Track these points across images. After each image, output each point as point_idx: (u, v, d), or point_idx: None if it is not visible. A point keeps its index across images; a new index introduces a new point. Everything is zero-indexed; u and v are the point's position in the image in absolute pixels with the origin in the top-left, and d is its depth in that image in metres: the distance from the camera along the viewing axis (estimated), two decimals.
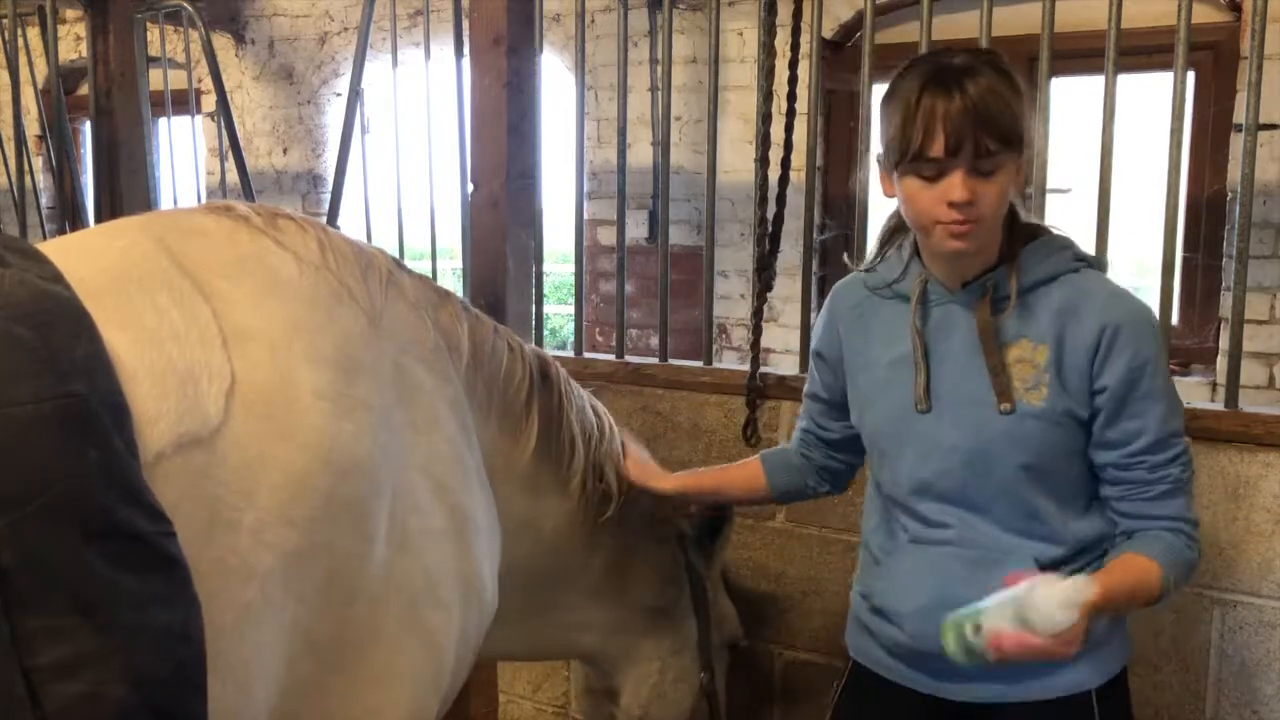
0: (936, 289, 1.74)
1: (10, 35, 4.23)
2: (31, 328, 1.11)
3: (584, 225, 3.18)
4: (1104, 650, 1.75)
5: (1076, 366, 1.66)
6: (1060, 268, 1.70)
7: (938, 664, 1.73)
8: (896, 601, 1.80)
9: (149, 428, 1.20)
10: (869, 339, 1.82)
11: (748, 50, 5.23)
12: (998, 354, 1.68)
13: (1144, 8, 3.23)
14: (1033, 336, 1.68)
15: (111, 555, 1.08)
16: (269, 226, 1.53)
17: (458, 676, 1.70)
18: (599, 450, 2.03)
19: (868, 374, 1.82)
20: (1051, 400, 1.67)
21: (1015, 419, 1.67)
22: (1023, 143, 1.61)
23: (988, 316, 1.68)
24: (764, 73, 2.66)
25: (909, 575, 1.78)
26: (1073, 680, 1.73)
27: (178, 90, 4.74)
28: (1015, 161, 1.61)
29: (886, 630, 1.82)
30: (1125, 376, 1.65)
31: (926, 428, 1.73)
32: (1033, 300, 1.69)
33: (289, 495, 1.33)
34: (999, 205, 1.62)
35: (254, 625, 1.29)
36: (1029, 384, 1.68)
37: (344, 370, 1.44)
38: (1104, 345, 1.65)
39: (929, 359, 1.72)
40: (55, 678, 1.03)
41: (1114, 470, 1.70)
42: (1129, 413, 1.66)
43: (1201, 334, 4.47)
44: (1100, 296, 1.68)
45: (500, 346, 1.86)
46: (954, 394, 1.71)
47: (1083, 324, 1.66)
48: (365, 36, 3.67)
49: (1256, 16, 2.21)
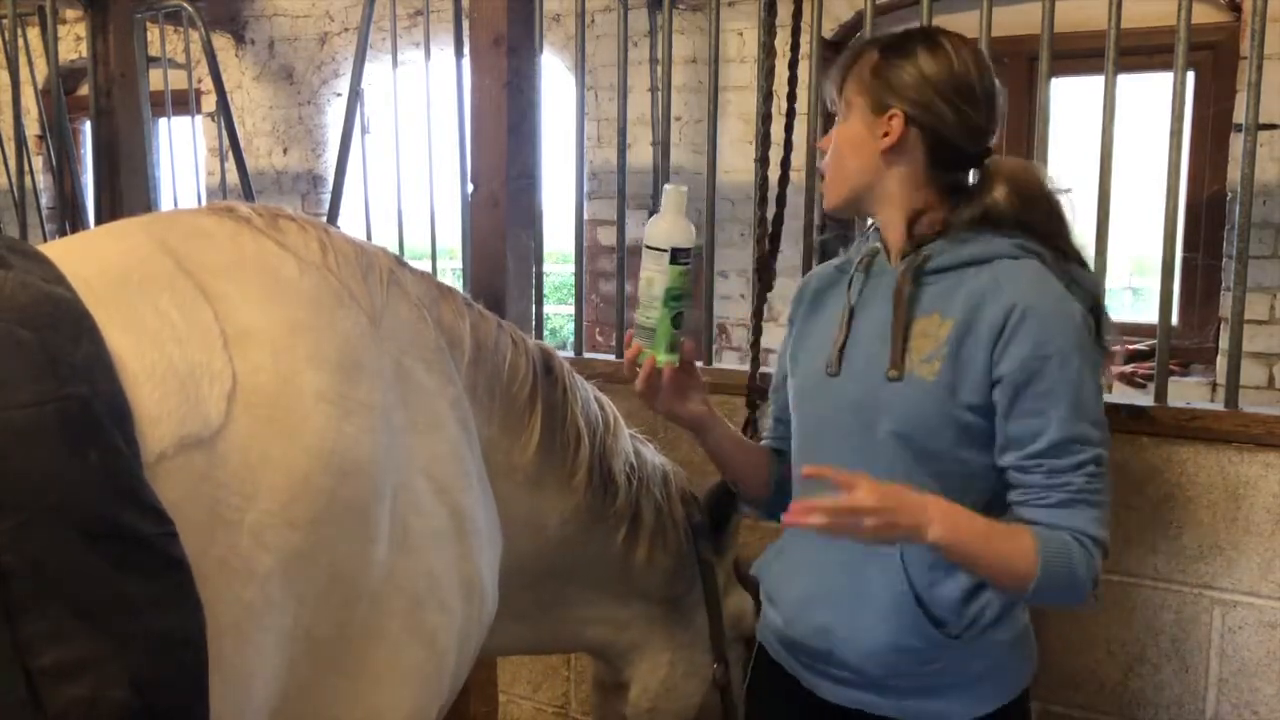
0: (881, 261, 1.76)
1: (10, 35, 4.23)
2: (33, 329, 1.11)
3: (584, 225, 3.18)
4: (983, 685, 1.69)
5: (978, 347, 1.59)
6: (998, 251, 1.64)
7: (810, 660, 1.75)
8: (778, 587, 1.82)
9: (150, 429, 1.20)
10: (820, 313, 1.83)
11: (748, 50, 5.23)
12: (903, 322, 1.65)
13: (1144, 8, 3.23)
14: (944, 312, 1.64)
15: (114, 557, 1.09)
16: (270, 228, 1.53)
17: (458, 678, 1.70)
18: (604, 443, 2.03)
19: (806, 342, 1.83)
20: (942, 377, 1.60)
21: (899, 387, 1.62)
22: (888, 93, 1.67)
23: (906, 282, 1.66)
24: (764, 73, 2.66)
25: (796, 561, 1.79)
26: (942, 708, 1.68)
27: (178, 90, 4.74)
28: (871, 118, 1.68)
29: (769, 613, 1.84)
30: (1024, 366, 1.55)
31: (830, 391, 1.73)
32: (959, 278, 1.65)
33: (290, 496, 1.33)
34: (840, 153, 1.72)
35: (255, 626, 1.29)
36: (925, 356, 1.62)
37: (345, 372, 1.44)
38: (1009, 329, 1.57)
39: (851, 325, 1.73)
40: (57, 680, 1.03)
41: (1014, 473, 1.60)
42: (1026, 409, 1.56)
43: (1201, 334, 4.47)
44: (1022, 281, 1.60)
45: (504, 342, 1.86)
46: (860, 360, 1.70)
47: (994, 305, 1.59)
48: (365, 36, 3.67)
49: (1256, 16, 2.21)
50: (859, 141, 1.70)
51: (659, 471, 2.17)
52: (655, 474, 2.16)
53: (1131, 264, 8.21)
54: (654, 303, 1.73)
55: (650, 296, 1.73)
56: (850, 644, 1.69)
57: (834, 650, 1.71)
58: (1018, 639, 1.73)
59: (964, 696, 1.69)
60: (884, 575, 1.66)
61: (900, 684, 1.69)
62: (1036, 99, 2.44)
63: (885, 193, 1.72)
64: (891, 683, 1.69)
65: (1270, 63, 3.54)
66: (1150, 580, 2.27)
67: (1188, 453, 2.22)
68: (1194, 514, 2.22)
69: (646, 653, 2.21)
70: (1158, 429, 2.23)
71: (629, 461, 2.09)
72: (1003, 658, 1.71)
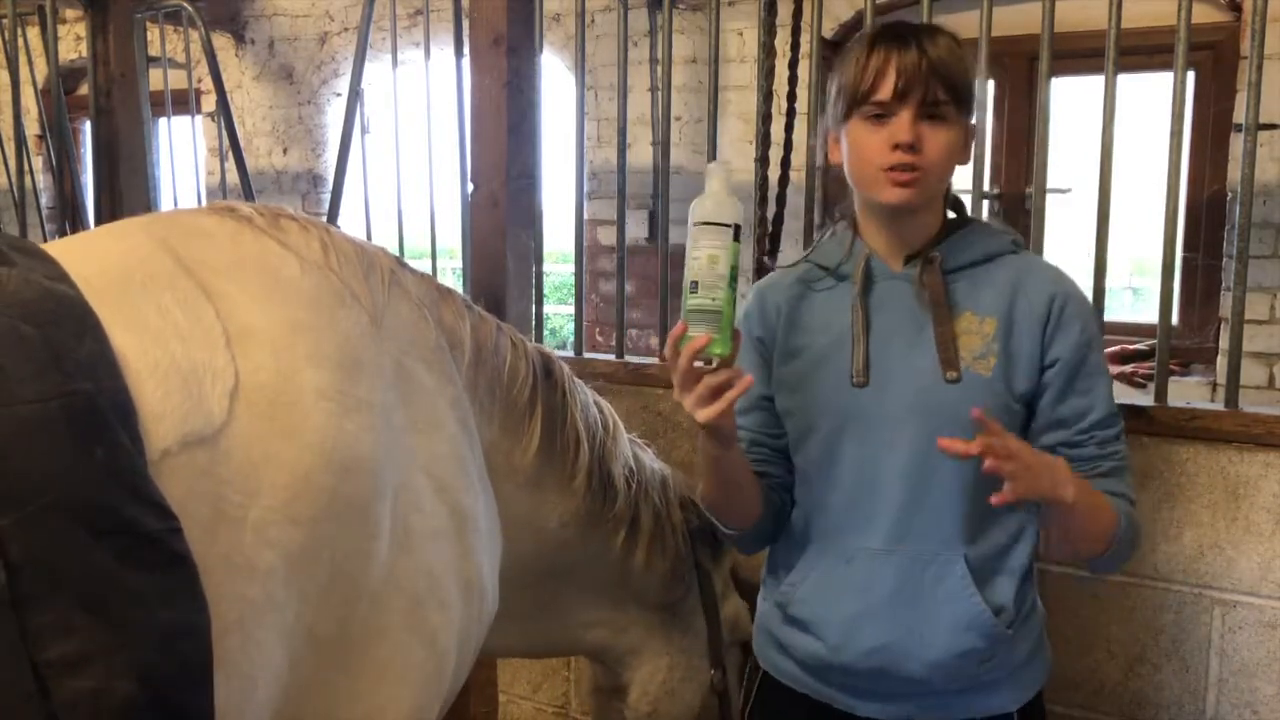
0: (879, 266, 1.71)
1: (10, 35, 4.23)
2: (37, 326, 1.12)
3: (584, 225, 3.18)
4: (1024, 671, 1.73)
5: (1028, 337, 1.64)
6: (999, 248, 1.71)
7: (855, 681, 1.70)
8: (816, 611, 1.71)
9: (154, 426, 1.21)
10: (798, 328, 1.75)
11: (748, 50, 5.23)
12: (949, 322, 1.65)
13: (1144, 8, 3.24)
14: (977, 310, 1.66)
15: (118, 552, 1.09)
16: (272, 227, 1.53)
17: (458, 677, 1.70)
18: (604, 447, 2.02)
19: (800, 358, 1.74)
20: (999, 372, 1.63)
21: (962, 388, 1.62)
22: (971, 103, 1.62)
23: (939, 283, 1.65)
24: (764, 73, 2.66)
25: (832, 582, 1.69)
26: (994, 703, 1.70)
27: (178, 90, 4.74)
28: (963, 122, 1.62)
29: (801, 642, 1.73)
30: (1076, 349, 1.64)
31: (866, 402, 1.66)
32: (972, 276, 1.68)
33: (292, 494, 1.33)
34: (946, 156, 1.60)
35: (257, 622, 1.29)
36: (977, 354, 1.64)
37: (346, 370, 1.44)
38: (1054, 315, 1.65)
39: (869, 333, 1.67)
40: (63, 673, 1.04)
41: (1064, 449, 1.64)
42: (1079, 388, 1.65)
43: (1201, 334, 4.47)
44: (1047, 271, 1.70)
45: (503, 344, 1.86)
46: (896, 368, 1.65)
47: (1032, 296, 1.66)
48: (365, 36, 3.67)
49: (1256, 16, 2.21)
50: (963, 145, 1.65)
51: (658, 476, 2.17)
52: (654, 478, 2.16)
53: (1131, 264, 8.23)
54: (719, 282, 1.52)
55: (715, 275, 1.52)
56: (913, 659, 1.65)
57: (888, 668, 1.66)
58: (1044, 623, 1.79)
59: (1010, 686, 1.71)
60: (944, 582, 1.64)
61: (954, 686, 1.68)
62: (1036, 99, 2.44)
63: (941, 195, 1.71)
64: (949, 687, 1.68)
65: (1270, 63, 3.54)
66: (1150, 580, 2.28)
67: (1188, 453, 2.22)
68: (1194, 514, 2.22)
69: (645, 656, 2.21)
70: (1158, 429, 2.24)
71: (628, 465, 2.08)
72: (1038, 642, 1.76)
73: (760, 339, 1.79)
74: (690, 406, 1.55)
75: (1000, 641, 1.66)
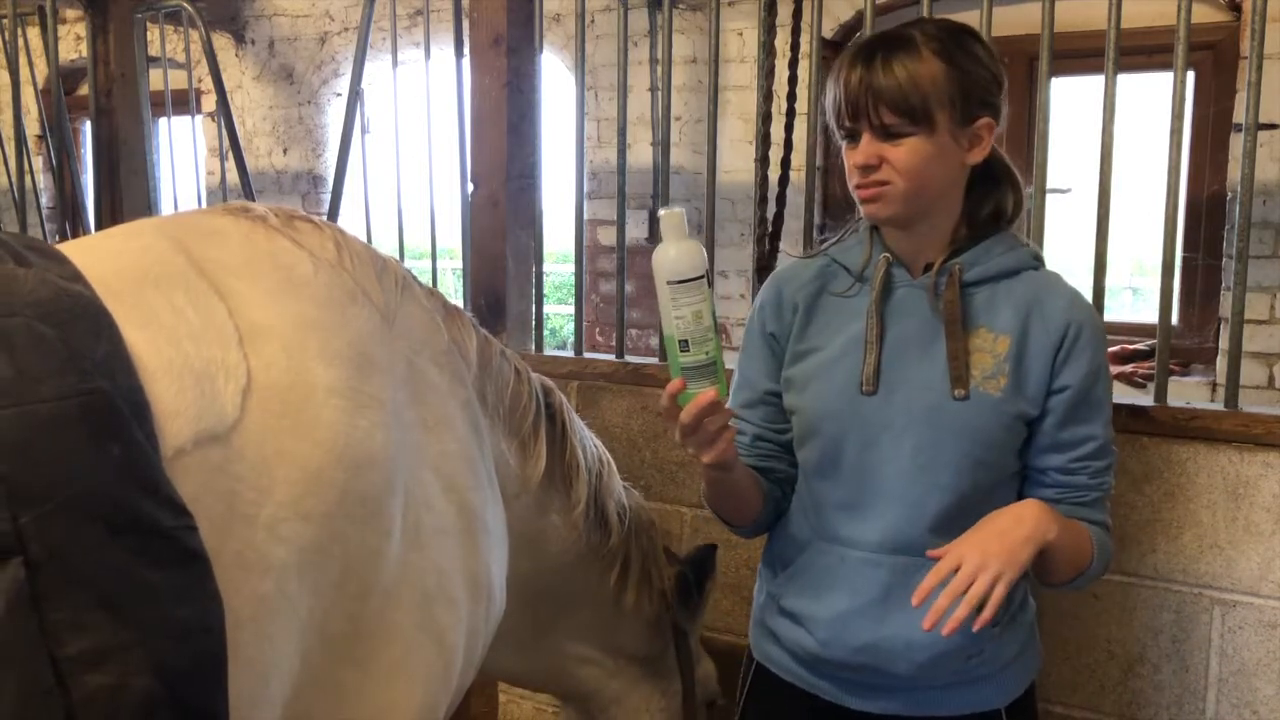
0: (899, 273, 1.70)
1: (10, 35, 4.23)
2: (54, 326, 1.12)
3: (584, 225, 3.18)
4: (1013, 668, 1.74)
5: (1038, 361, 1.65)
6: (1025, 263, 1.70)
7: (844, 675, 1.72)
8: (807, 605, 1.74)
9: (168, 424, 1.21)
10: (812, 329, 1.75)
11: (748, 50, 5.24)
12: (963, 338, 1.65)
13: (1144, 8, 3.24)
14: (993, 327, 1.66)
15: (135, 549, 1.10)
16: (286, 227, 1.54)
17: (466, 675, 1.70)
18: (601, 481, 2.04)
19: (811, 359, 1.74)
20: (1008, 393, 1.64)
21: (969, 406, 1.63)
22: (930, 118, 1.58)
23: (956, 298, 1.65)
24: (764, 73, 2.66)
25: (824, 578, 1.72)
26: (982, 699, 1.72)
27: (178, 90, 4.74)
28: (941, 131, 1.59)
29: (793, 634, 1.76)
30: (1084, 380, 1.65)
31: (872, 410, 1.67)
32: (993, 291, 1.67)
33: (304, 490, 1.34)
34: (913, 169, 1.59)
35: (270, 618, 1.30)
36: (987, 373, 1.64)
37: (357, 368, 1.45)
38: (1068, 343, 1.65)
39: (883, 341, 1.67)
40: (82, 668, 1.05)
41: (1056, 474, 1.68)
42: (1082, 416, 1.66)
43: (1201, 334, 4.48)
44: (1066, 295, 1.69)
45: (506, 369, 1.86)
46: (905, 378, 1.66)
47: (1048, 320, 1.66)
48: (365, 36, 3.67)
49: (1256, 16, 2.22)
50: (947, 153, 1.62)
51: (645, 518, 2.20)
52: (644, 521, 2.18)
53: (1131, 264, 8.22)
54: (707, 334, 1.56)
55: (702, 330, 1.56)
56: (900, 659, 1.67)
57: (878, 665, 1.69)
58: (1034, 620, 1.80)
59: (999, 682, 1.73)
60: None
61: (942, 680, 1.69)
62: (1036, 99, 2.45)
63: (949, 202, 1.68)
64: (936, 682, 1.69)
65: (1270, 63, 3.55)
66: (1150, 580, 2.28)
67: (1188, 453, 2.22)
68: (1194, 514, 2.22)
69: (627, 708, 2.25)
70: (1158, 429, 2.24)
71: (621, 504, 2.11)
72: (1028, 639, 1.77)
73: (773, 334, 1.79)
74: (695, 451, 1.60)
75: (987, 638, 1.67)
